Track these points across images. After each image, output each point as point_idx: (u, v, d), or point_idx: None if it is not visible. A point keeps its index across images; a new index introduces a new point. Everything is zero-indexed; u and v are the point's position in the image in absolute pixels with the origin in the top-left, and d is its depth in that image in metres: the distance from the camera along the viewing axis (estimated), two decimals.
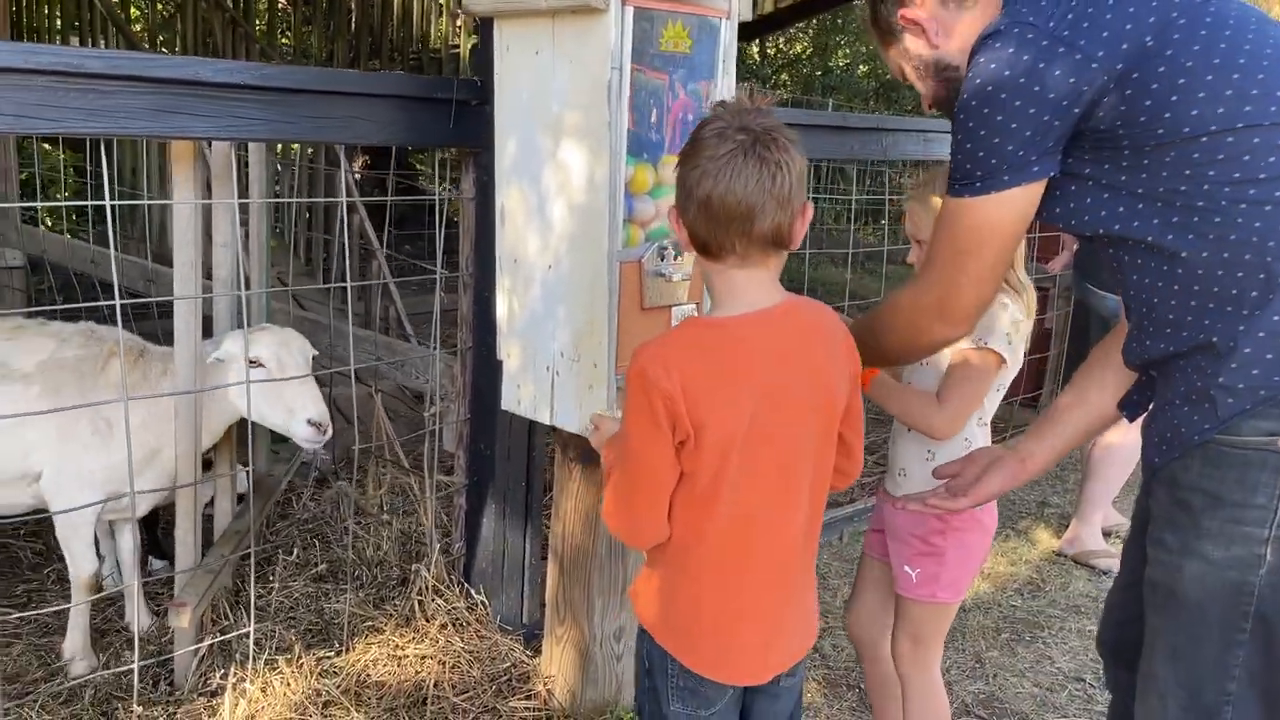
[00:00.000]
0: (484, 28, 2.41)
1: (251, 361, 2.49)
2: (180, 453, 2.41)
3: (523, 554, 2.82)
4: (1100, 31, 1.42)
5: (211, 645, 2.46)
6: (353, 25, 7.91)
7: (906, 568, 2.12)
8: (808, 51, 14.48)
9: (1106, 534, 3.90)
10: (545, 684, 2.55)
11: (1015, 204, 1.54)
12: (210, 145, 2.42)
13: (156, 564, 3.14)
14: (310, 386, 2.56)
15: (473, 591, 2.79)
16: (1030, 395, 5.30)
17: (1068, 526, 3.93)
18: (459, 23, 8.56)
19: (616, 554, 2.46)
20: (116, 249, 2.07)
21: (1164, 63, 1.38)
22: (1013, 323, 2.10)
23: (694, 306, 2.40)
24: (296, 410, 2.51)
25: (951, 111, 1.81)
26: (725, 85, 2.31)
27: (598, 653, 2.49)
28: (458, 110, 2.43)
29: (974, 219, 1.58)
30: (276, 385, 2.49)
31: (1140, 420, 3.65)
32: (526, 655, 2.66)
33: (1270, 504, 1.35)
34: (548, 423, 2.33)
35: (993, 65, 1.48)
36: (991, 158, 1.50)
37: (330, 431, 2.55)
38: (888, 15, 1.76)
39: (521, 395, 2.39)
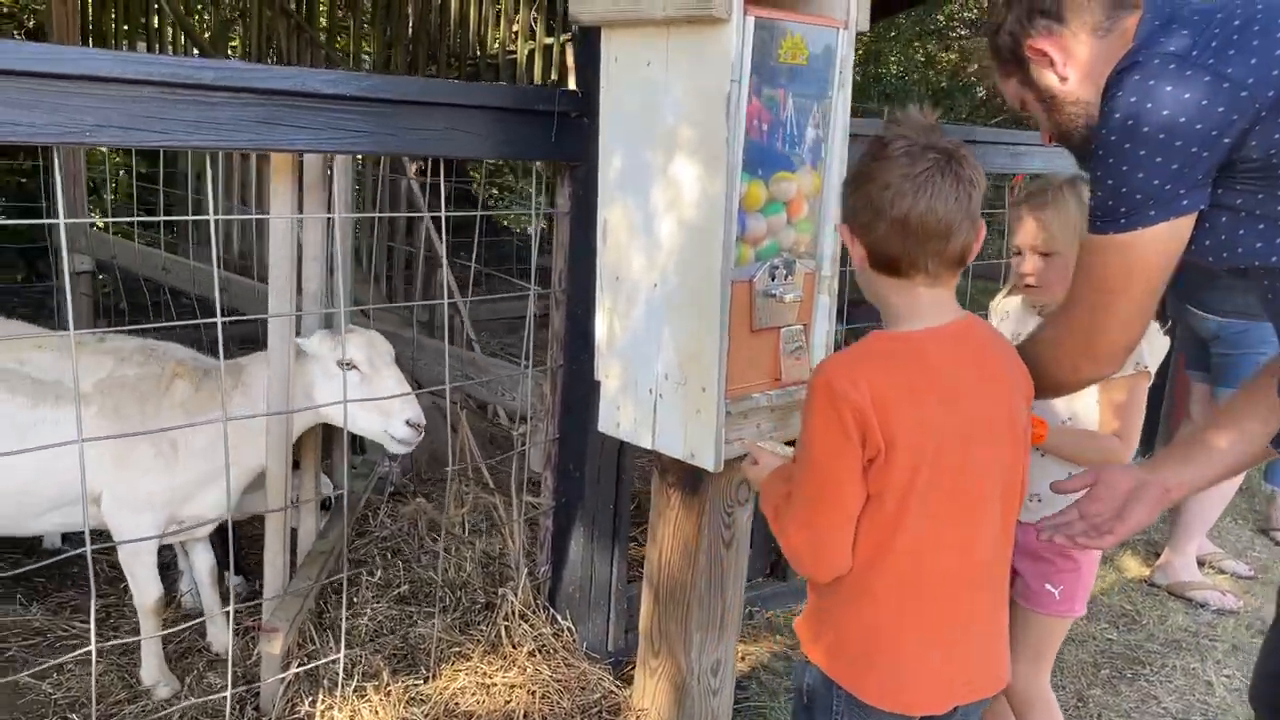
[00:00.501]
0: (586, 38, 2.33)
1: (344, 364, 2.41)
2: (271, 473, 2.35)
3: (610, 579, 2.73)
4: (1249, 58, 1.34)
5: (297, 672, 2.39)
6: (410, 30, 7.88)
7: (1049, 585, 2.10)
8: (859, 56, 14.33)
9: (1200, 563, 3.74)
10: (638, 717, 2.46)
11: (1163, 240, 1.46)
12: (303, 157, 2.36)
13: (233, 580, 3.08)
14: (404, 386, 2.49)
15: (559, 617, 2.70)
16: None
17: (1156, 554, 3.78)
18: (515, 28, 8.52)
19: (716, 586, 2.37)
20: (219, 267, 2.01)
21: None
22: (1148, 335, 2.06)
23: (802, 328, 2.31)
24: (394, 412, 2.43)
25: (1074, 145, 1.71)
26: (842, 98, 2.22)
27: (694, 686, 2.39)
28: (558, 123, 2.35)
29: (1120, 257, 1.50)
30: (370, 387, 2.43)
31: None
32: (616, 685, 2.57)
33: None
34: (649, 447, 2.25)
35: (1134, 98, 1.40)
36: (1137, 193, 1.43)
37: (424, 432, 2.49)
38: (1012, 45, 1.66)
39: (621, 418, 2.31)
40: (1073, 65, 1.60)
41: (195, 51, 6.02)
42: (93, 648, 1.89)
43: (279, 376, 2.29)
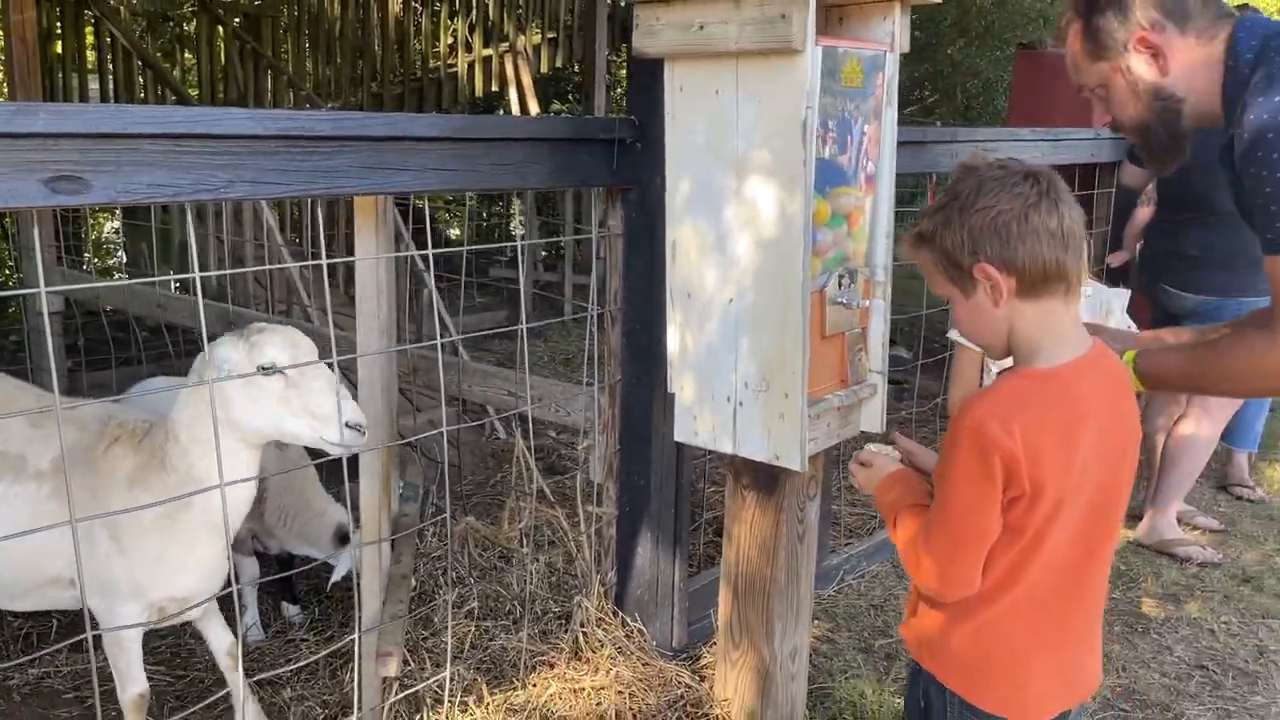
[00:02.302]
0: (642, 69, 2.44)
1: (265, 369, 2.13)
2: (366, 505, 2.41)
3: (673, 578, 2.86)
4: None
5: (398, 695, 2.46)
6: (350, 49, 7.85)
7: None
8: None
9: (1178, 522, 4.04)
10: (722, 708, 2.59)
11: None
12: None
13: (290, 609, 3.11)
14: (335, 385, 2.16)
15: (628, 619, 2.82)
16: None
17: (1136, 517, 4.06)
18: (450, 41, 8.55)
19: (793, 577, 2.52)
20: (330, 312, 2.07)
21: None
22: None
23: (861, 330, 2.47)
24: (329, 416, 2.13)
25: (1151, 136, 1.88)
26: (890, 115, 2.39)
27: (777, 673, 2.53)
28: (617, 149, 2.47)
29: None
30: (297, 391, 2.14)
31: (1206, 414, 3.77)
32: (693, 679, 2.70)
33: None
34: (729, 452, 2.38)
35: None
36: None
37: (366, 431, 2.19)
38: (1114, 31, 1.80)
39: (698, 427, 2.43)
40: (1175, 63, 1.76)
41: (145, 78, 5.90)
42: None
43: (372, 415, 2.35)
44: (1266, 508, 4.39)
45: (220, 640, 2.53)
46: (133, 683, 2.36)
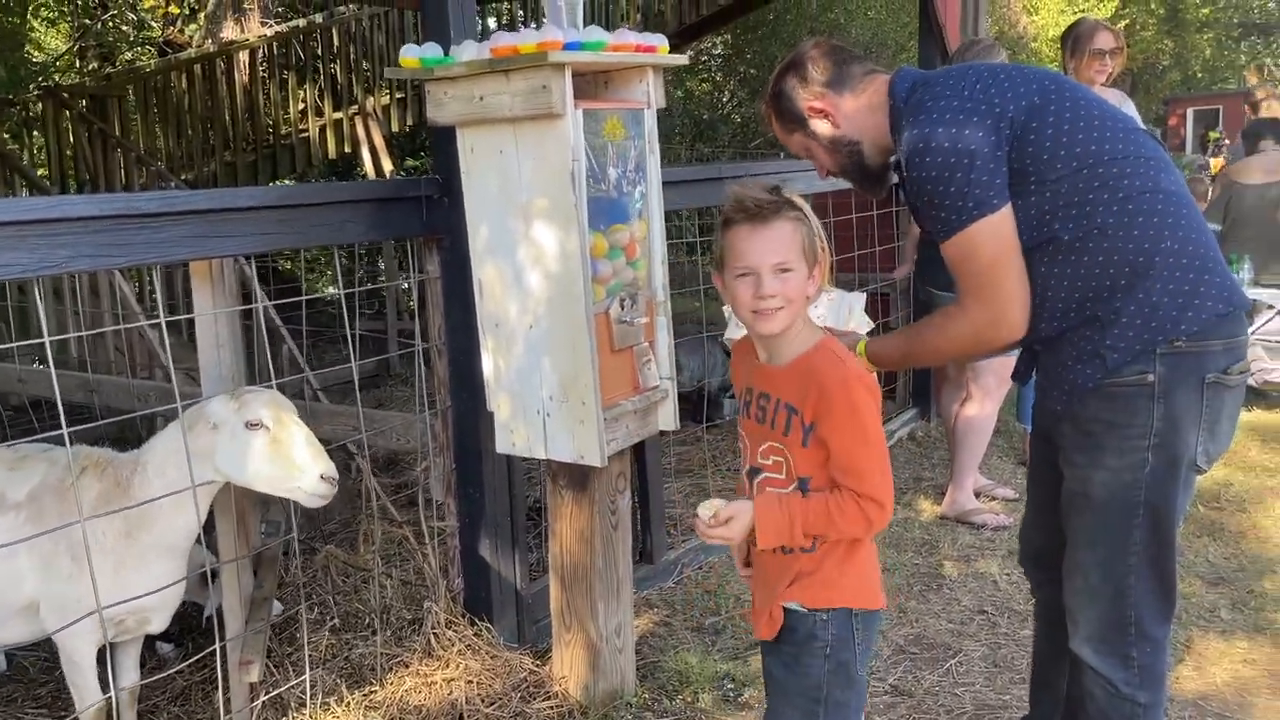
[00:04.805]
0: (441, 134, 2.83)
1: (251, 424, 2.43)
2: (221, 530, 2.70)
3: (514, 580, 3.21)
4: (1006, 95, 2.00)
5: (263, 700, 2.74)
6: (200, 121, 8.04)
7: None
8: None
9: (977, 494, 4.58)
10: (560, 684, 2.94)
11: (1007, 219, 2.01)
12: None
13: (164, 647, 3.34)
14: (314, 441, 2.50)
15: (475, 620, 3.15)
16: (887, 388, 6.02)
17: (942, 495, 4.59)
18: (300, 107, 8.82)
19: (610, 562, 2.90)
20: (172, 373, 2.37)
21: (1051, 115, 1.97)
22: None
23: (649, 344, 2.89)
24: (306, 468, 2.44)
25: (852, 175, 2.36)
26: (653, 161, 2.82)
27: (604, 649, 2.91)
28: (426, 205, 2.84)
29: (993, 237, 2.00)
30: (278, 445, 2.44)
31: (985, 395, 4.38)
32: (535, 665, 3.05)
33: (1147, 422, 1.93)
34: (543, 457, 2.75)
35: (951, 131, 1.99)
36: (975, 189, 1.98)
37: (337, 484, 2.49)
38: (794, 108, 2.30)
39: (515, 439, 2.80)
40: (841, 117, 2.25)
41: None
42: None
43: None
44: None
45: (128, 676, 2.79)
46: (91, 695, 2.61)
